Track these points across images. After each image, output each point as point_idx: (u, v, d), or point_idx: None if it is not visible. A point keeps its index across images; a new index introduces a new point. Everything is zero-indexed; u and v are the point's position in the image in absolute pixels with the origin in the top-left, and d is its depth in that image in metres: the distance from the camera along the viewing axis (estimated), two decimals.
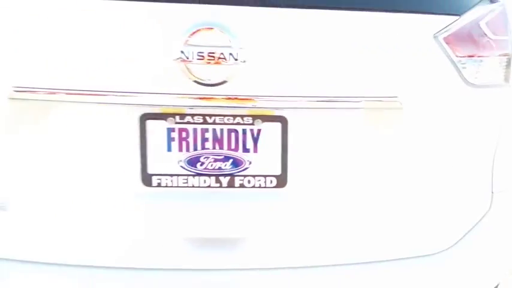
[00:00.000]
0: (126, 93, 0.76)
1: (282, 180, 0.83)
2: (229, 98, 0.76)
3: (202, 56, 0.72)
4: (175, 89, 0.75)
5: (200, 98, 0.76)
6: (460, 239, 0.95)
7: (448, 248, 0.94)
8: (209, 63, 0.72)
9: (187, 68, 0.73)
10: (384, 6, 0.82)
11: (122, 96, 0.76)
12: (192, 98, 0.76)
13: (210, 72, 0.73)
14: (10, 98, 0.73)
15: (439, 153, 0.88)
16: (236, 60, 0.73)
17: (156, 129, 0.80)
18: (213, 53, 0.72)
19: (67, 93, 0.75)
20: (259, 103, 0.79)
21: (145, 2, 0.73)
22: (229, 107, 0.78)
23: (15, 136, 0.78)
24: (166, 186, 0.82)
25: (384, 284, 0.90)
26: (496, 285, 1.05)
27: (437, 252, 0.94)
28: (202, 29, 0.72)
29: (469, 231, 0.95)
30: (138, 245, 0.85)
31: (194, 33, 0.72)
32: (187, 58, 0.72)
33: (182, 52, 0.72)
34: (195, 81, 0.73)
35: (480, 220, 0.96)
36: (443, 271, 0.93)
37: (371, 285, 0.90)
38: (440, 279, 0.94)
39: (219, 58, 0.72)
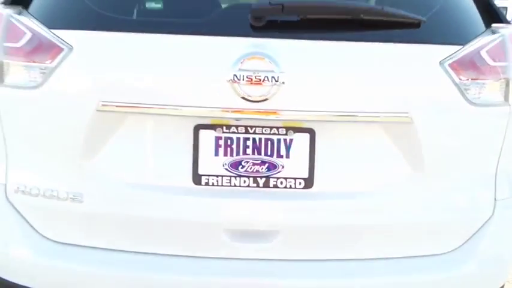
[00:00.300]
0: (184, 107, 0.94)
1: (309, 182, 0.98)
2: (268, 113, 0.93)
3: (250, 79, 0.89)
4: (225, 105, 0.92)
5: (245, 112, 0.93)
6: (471, 237, 1.07)
7: (461, 245, 1.06)
8: (255, 84, 0.90)
9: (237, 88, 0.90)
10: (399, 38, 0.98)
11: (181, 109, 0.94)
12: (238, 112, 0.93)
13: (255, 91, 0.90)
14: (97, 110, 0.93)
15: (446, 162, 1.01)
16: (277, 82, 0.90)
17: (207, 138, 0.97)
18: (259, 76, 0.89)
19: (139, 107, 0.94)
20: (292, 117, 0.95)
21: (206, 36, 0.93)
22: (268, 119, 0.95)
23: (97, 139, 0.97)
24: (212, 185, 0.98)
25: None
26: (502, 285, 1.16)
27: (454, 250, 1.06)
28: (252, 57, 0.90)
29: (477, 231, 1.07)
30: (187, 235, 1.01)
31: (245, 60, 0.90)
32: (238, 80, 0.89)
33: (235, 75, 0.89)
34: (242, 98, 0.90)
35: (485, 222, 1.08)
36: (459, 268, 1.05)
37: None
38: (454, 276, 1.06)
39: (263, 80, 0.89)
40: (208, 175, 0.98)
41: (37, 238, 1.05)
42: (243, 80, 0.89)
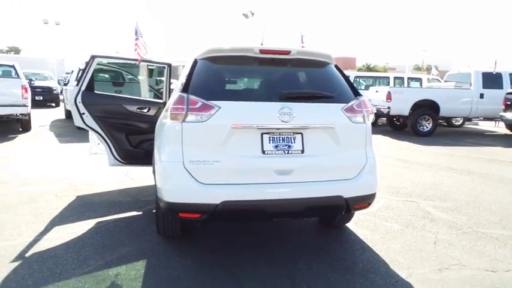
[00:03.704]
0: (259, 126, 2.64)
1: (302, 151, 2.72)
2: (289, 127, 2.68)
3: (285, 115, 2.64)
4: (274, 124, 2.65)
5: (281, 127, 2.67)
6: (358, 174, 2.87)
7: (354, 177, 2.86)
8: (286, 117, 2.64)
9: (280, 118, 2.64)
10: (328, 101, 2.84)
11: (257, 127, 2.64)
12: (279, 126, 2.66)
13: (286, 119, 2.64)
14: (231, 128, 2.59)
15: (347, 143, 2.85)
16: (294, 116, 2.65)
17: (266, 137, 2.67)
18: (286, 114, 2.64)
19: (243, 126, 2.62)
20: (295, 128, 2.71)
21: (271, 102, 2.67)
22: (288, 129, 2.69)
23: (227, 138, 2.61)
24: (268, 154, 2.66)
25: (340, 185, 2.77)
26: (374, 192, 2.97)
27: (351, 178, 2.85)
28: (284, 108, 2.65)
29: (361, 170, 2.88)
30: (260, 174, 2.65)
31: (281, 109, 2.65)
32: (281, 115, 2.63)
33: (279, 113, 2.63)
34: (282, 121, 2.64)
35: (363, 167, 2.90)
36: (353, 183, 2.84)
37: (332, 187, 2.77)
38: (350, 185, 2.83)
39: (287, 115, 2.64)
40: (267, 150, 2.66)
41: (197, 182, 2.60)
42: (281, 115, 2.63)
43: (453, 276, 2.82)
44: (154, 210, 3.65)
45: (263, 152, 2.65)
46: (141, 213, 4.04)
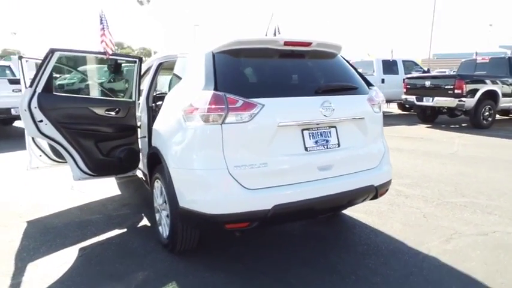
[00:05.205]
0: (299, 123, 2.52)
1: (338, 145, 2.69)
2: (326, 122, 2.62)
3: (327, 109, 2.56)
4: (317, 118, 2.56)
5: (321, 121, 2.59)
6: (380, 162, 2.98)
7: (377, 165, 2.95)
8: (327, 111, 2.57)
9: (322, 112, 2.55)
10: (353, 93, 2.85)
11: (298, 123, 2.52)
12: (320, 121, 2.58)
13: (327, 113, 2.57)
14: (278, 126, 2.40)
15: (373, 132, 2.92)
16: (333, 110, 2.59)
17: (306, 133, 2.56)
18: (329, 108, 2.57)
19: (286, 124, 2.46)
20: (331, 122, 2.66)
21: (311, 96, 2.55)
22: (326, 123, 2.63)
23: (273, 136, 2.42)
24: (310, 151, 2.57)
25: (370, 174, 2.83)
26: (391, 178, 3.12)
27: (375, 166, 2.94)
28: (325, 102, 2.58)
29: (382, 158, 2.99)
30: (303, 171, 2.54)
31: (324, 102, 2.56)
32: (323, 109, 2.55)
33: (322, 108, 2.55)
34: (324, 115, 2.56)
35: (383, 155, 3.02)
36: (378, 171, 2.93)
37: (365, 178, 2.81)
38: (377, 174, 2.93)
39: (329, 109, 2.58)
40: (309, 147, 2.56)
41: (244, 189, 2.36)
42: (323, 109, 2.56)
43: (461, 244, 3.15)
44: (140, 225, 3.21)
45: (305, 148, 2.55)
46: (125, 230, 3.52)
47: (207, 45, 2.71)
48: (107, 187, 4.87)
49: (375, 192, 2.85)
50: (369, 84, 3.07)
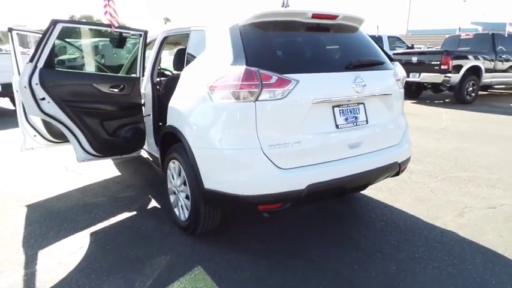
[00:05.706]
0: (332, 99, 2.43)
1: (366, 122, 2.63)
2: (356, 98, 2.54)
3: (359, 85, 2.47)
4: (349, 94, 2.47)
5: (352, 98, 2.51)
6: (401, 138, 2.95)
7: (399, 142, 2.92)
8: (359, 87, 2.49)
9: (354, 88, 2.47)
10: (380, 68, 2.77)
11: (330, 100, 2.43)
12: (350, 97, 2.50)
13: (359, 90, 2.49)
14: (312, 103, 2.30)
15: (398, 108, 2.87)
16: (364, 86, 2.51)
17: (337, 110, 2.48)
18: (361, 84, 2.49)
19: (320, 101, 2.36)
20: (360, 99, 2.58)
21: (344, 72, 2.45)
22: (355, 99, 2.55)
23: (307, 114, 2.32)
24: (341, 128, 2.49)
25: (394, 151, 2.80)
26: (410, 155, 3.11)
27: (398, 143, 2.91)
28: (358, 78, 2.49)
29: (403, 135, 2.96)
30: (334, 149, 2.47)
31: (357, 78, 2.47)
32: (356, 85, 2.46)
33: (354, 84, 2.46)
34: (356, 91, 2.48)
35: (404, 131, 2.99)
36: (400, 148, 2.91)
37: (391, 154, 2.78)
38: (400, 150, 2.90)
39: (361, 85, 2.49)
40: (340, 124, 2.49)
41: (278, 169, 2.28)
42: (356, 85, 2.47)
43: (474, 217, 3.22)
44: (154, 207, 3.10)
45: (336, 126, 2.47)
46: (134, 213, 3.39)
47: (230, 18, 2.54)
48: (104, 168, 4.67)
49: (398, 169, 2.83)
50: (391, 59, 3.00)
